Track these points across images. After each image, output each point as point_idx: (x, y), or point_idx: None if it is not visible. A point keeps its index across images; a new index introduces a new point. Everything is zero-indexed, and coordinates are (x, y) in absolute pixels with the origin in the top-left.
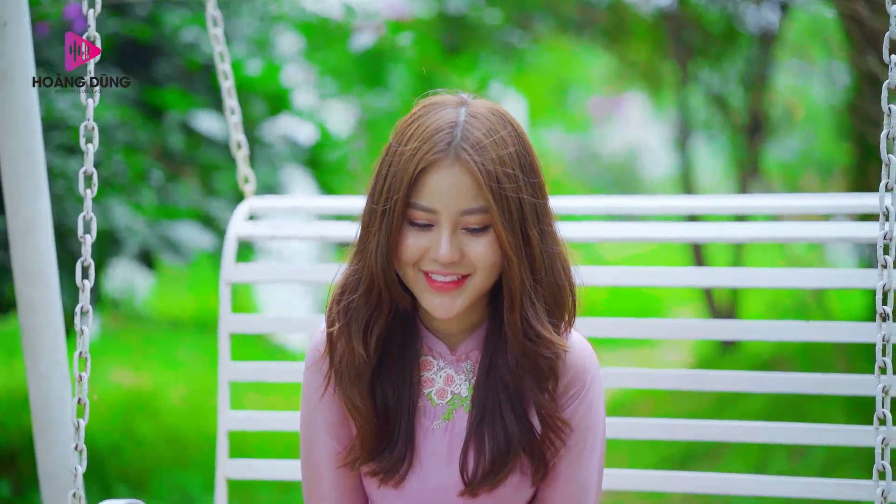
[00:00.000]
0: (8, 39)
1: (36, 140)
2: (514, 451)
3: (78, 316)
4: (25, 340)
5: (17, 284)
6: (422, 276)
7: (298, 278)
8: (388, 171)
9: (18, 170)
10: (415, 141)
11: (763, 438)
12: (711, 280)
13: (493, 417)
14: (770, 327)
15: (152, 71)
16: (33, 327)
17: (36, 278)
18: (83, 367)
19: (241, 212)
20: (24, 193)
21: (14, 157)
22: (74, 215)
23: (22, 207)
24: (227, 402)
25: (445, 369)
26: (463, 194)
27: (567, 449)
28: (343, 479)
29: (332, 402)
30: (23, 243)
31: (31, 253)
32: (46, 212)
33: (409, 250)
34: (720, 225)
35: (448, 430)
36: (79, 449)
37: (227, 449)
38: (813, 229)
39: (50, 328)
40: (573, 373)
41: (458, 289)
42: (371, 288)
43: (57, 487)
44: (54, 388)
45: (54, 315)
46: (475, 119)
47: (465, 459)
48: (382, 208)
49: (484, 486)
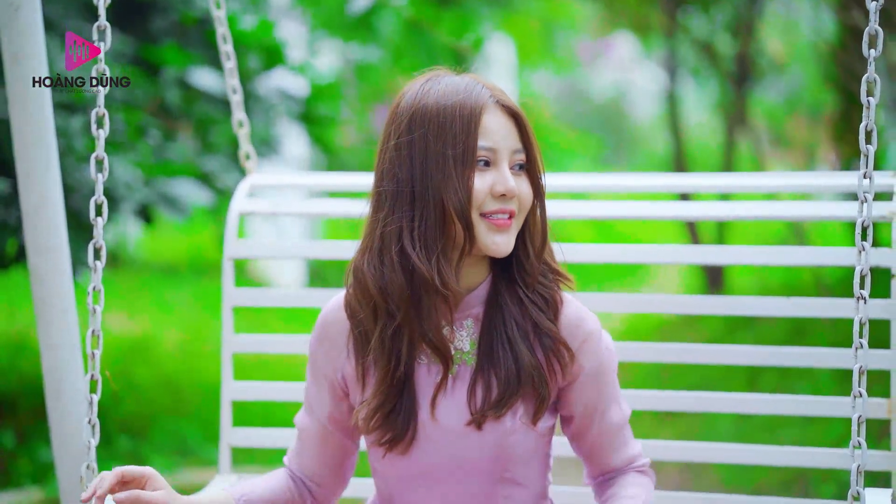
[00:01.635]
0: (20, 24)
1: (47, 120)
2: (525, 379)
3: (90, 295)
4: (38, 312)
5: (30, 258)
6: (483, 221)
7: (299, 254)
8: (441, 123)
9: (30, 149)
10: (456, 95)
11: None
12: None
13: (501, 354)
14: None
15: (148, 26)
16: (45, 299)
17: (48, 252)
18: (95, 344)
19: (243, 188)
20: (37, 171)
21: (26, 137)
22: (74, 173)
23: (34, 184)
24: (230, 373)
25: (446, 328)
26: (512, 134)
27: (591, 398)
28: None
29: (338, 364)
30: (35, 218)
31: (43, 228)
32: (58, 188)
33: (478, 190)
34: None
35: (451, 381)
36: (91, 423)
37: (230, 418)
38: (799, 208)
39: (62, 301)
40: (575, 321)
41: (511, 226)
42: (450, 231)
43: (70, 456)
44: (66, 359)
45: (66, 287)
46: (482, 78)
47: (473, 394)
48: (454, 152)
49: (489, 415)
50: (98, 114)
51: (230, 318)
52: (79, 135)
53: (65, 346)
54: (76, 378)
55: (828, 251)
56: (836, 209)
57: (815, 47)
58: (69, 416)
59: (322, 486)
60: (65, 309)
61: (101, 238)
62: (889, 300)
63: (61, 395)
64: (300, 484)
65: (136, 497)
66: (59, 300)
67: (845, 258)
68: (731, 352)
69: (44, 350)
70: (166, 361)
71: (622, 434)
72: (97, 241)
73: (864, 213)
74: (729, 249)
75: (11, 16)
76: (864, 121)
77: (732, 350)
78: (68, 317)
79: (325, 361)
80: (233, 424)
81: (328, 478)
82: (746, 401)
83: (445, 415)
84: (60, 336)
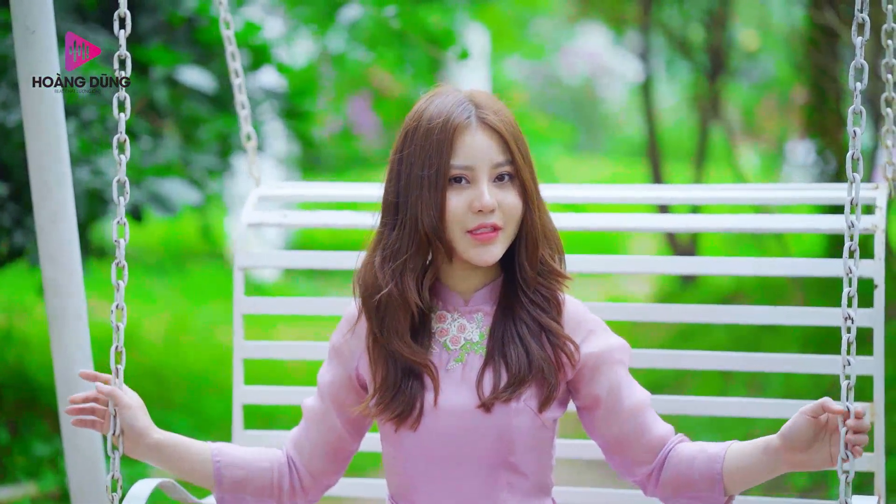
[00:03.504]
0: (35, 47)
1: (61, 138)
2: (534, 369)
3: (113, 313)
4: (51, 322)
5: (44, 270)
6: (467, 237)
7: (307, 264)
8: (423, 143)
9: (44, 164)
10: (439, 117)
11: (726, 366)
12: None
13: (511, 346)
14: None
15: (135, 26)
16: (59, 309)
17: (61, 264)
18: (119, 359)
19: (251, 199)
20: (50, 186)
21: (41, 153)
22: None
23: (48, 199)
24: (241, 378)
25: (459, 320)
26: (492, 150)
27: (608, 379)
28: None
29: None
30: (49, 232)
31: (56, 241)
32: (71, 202)
33: (452, 208)
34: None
35: (461, 368)
36: (116, 434)
37: (241, 422)
38: (778, 221)
39: (74, 311)
40: (578, 318)
41: (496, 238)
42: (420, 248)
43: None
44: (77, 367)
45: (78, 298)
46: (479, 95)
47: (481, 380)
48: (426, 173)
49: (500, 398)
50: (119, 140)
51: (241, 325)
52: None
53: (78, 356)
54: (89, 388)
55: (812, 262)
56: (821, 222)
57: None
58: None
59: (312, 473)
60: (77, 318)
61: (123, 258)
62: (872, 309)
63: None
64: (290, 466)
65: (113, 393)
66: (72, 310)
67: (830, 269)
68: (706, 357)
69: (57, 359)
70: (150, 352)
71: (652, 411)
72: (119, 262)
73: (853, 239)
74: (710, 260)
75: (28, 38)
76: (851, 150)
77: (707, 355)
78: (81, 327)
79: (348, 352)
80: (244, 427)
81: (321, 464)
82: (718, 404)
83: (454, 398)
84: (73, 346)
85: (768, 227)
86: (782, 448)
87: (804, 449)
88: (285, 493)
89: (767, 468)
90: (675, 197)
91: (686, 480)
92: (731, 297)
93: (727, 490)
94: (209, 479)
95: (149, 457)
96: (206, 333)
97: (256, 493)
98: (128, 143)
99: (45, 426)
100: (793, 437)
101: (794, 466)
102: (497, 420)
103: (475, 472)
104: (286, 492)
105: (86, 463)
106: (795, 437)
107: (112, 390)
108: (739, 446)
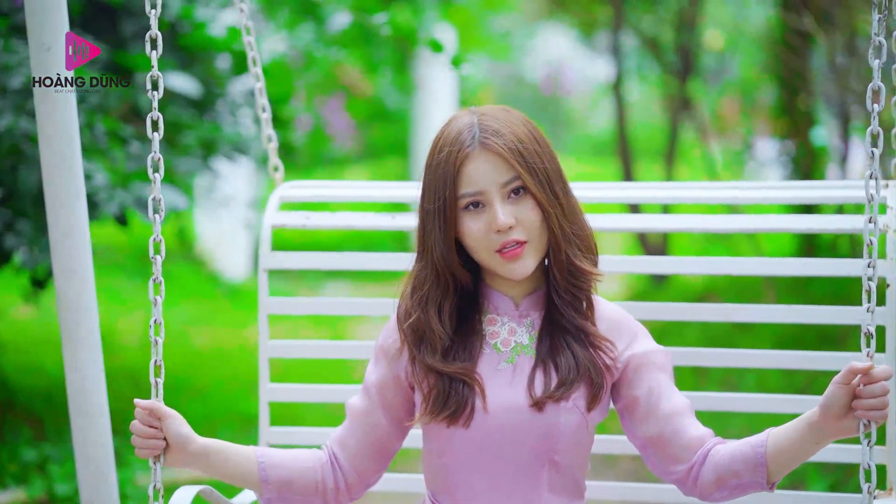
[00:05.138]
0: (50, 63)
1: (74, 153)
2: (582, 371)
3: (151, 328)
4: (64, 334)
5: (58, 284)
6: (496, 256)
7: (331, 265)
8: (432, 177)
9: (58, 179)
10: (446, 147)
11: (701, 362)
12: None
13: (559, 349)
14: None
15: (119, 31)
16: (72, 322)
17: (74, 277)
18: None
19: (273, 201)
20: (64, 200)
21: (54, 167)
22: None
23: (61, 213)
24: (266, 376)
25: (509, 323)
26: (498, 171)
27: (648, 383)
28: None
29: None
30: (63, 245)
31: (69, 255)
32: (84, 218)
33: (474, 234)
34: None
35: (512, 368)
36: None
37: (268, 418)
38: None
39: (86, 323)
40: (620, 323)
41: (523, 252)
42: (438, 278)
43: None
44: (90, 380)
45: (91, 311)
46: (486, 116)
47: (533, 381)
48: (435, 206)
49: (551, 398)
50: (154, 158)
51: (266, 325)
52: None
53: (90, 369)
54: (100, 399)
55: (831, 263)
56: (838, 222)
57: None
58: (93, 436)
59: (357, 470)
60: (90, 331)
61: (159, 275)
62: (885, 307)
63: (85, 415)
64: (335, 465)
65: (155, 407)
66: (85, 323)
67: (846, 268)
68: (680, 353)
69: (69, 372)
70: (126, 354)
71: (692, 416)
72: (156, 278)
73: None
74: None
75: (43, 55)
76: (869, 169)
77: (682, 352)
78: (93, 340)
79: (395, 353)
80: (270, 423)
81: (365, 462)
82: (693, 398)
83: (506, 397)
84: (85, 359)
85: (790, 227)
86: (823, 418)
87: (843, 416)
88: (330, 492)
89: (813, 441)
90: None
91: (729, 471)
92: (704, 296)
93: (770, 475)
94: (255, 481)
95: (195, 463)
96: (181, 335)
97: (301, 492)
98: (161, 161)
99: (29, 431)
100: (830, 406)
101: (839, 433)
102: (547, 419)
103: (519, 468)
104: (331, 490)
105: (96, 473)
106: (832, 405)
107: (153, 403)
108: (780, 429)
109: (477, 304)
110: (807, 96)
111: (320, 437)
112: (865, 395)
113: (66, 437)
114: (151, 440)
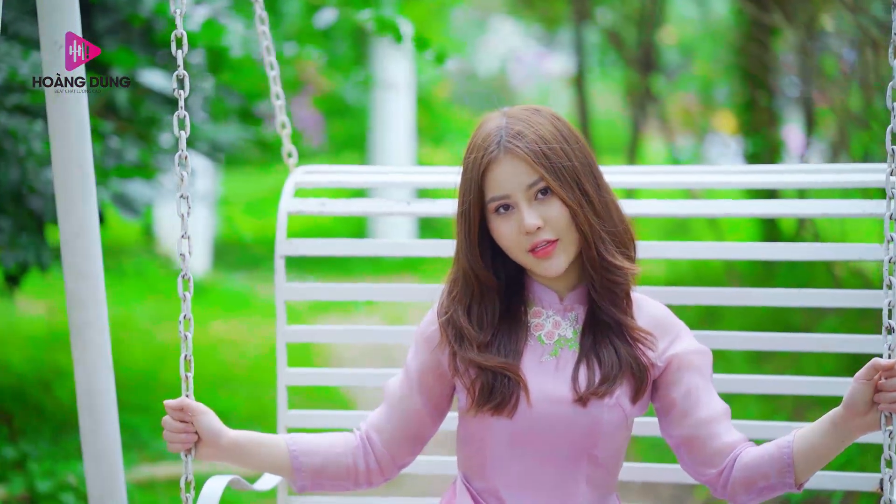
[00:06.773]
0: (62, 60)
1: (86, 154)
2: (624, 365)
3: (181, 324)
4: (74, 335)
5: (67, 283)
6: (529, 256)
7: (347, 251)
8: (462, 181)
9: (70, 179)
10: (473, 152)
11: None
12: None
13: (602, 344)
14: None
15: (93, 26)
16: (82, 323)
17: (84, 278)
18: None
19: (288, 188)
20: (75, 201)
21: (66, 168)
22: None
23: (73, 214)
24: (284, 361)
25: (554, 316)
26: (522, 174)
27: (686, 384)
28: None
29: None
30: (73, 246)
31: (80, 254)
32: (95, 218)
33: (506, 235)
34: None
35: (555, 361)
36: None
37: (286, 402)
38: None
39: (97, 323)
40: (663, 321)
41: (555, 250)
42: (467, 282)
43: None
44: (100, 381)
45: (101, 312)
46: (513, 118)
47: (576, 375)
48: (462, 210)
49: (595, 395)
50: (181, 157)
51: (283, 311)
52: (38, 138)
53: (99, 369)
54: (109, 399)
55: (855, 247)
56: (863, 206)
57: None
58: (102, 435)
59: (391, 453)
60: (100, 331)
61: (188, 271)
62: None
63: (95, 414)
64: (368, 447)
65: (185, 404)
66: (95, 324)
67: (867, 253)
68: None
69: (79, 373)
70: None
71: (728, 421)
72: (185, 274)
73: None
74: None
75: (56, 53)
76: (890, 167)
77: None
78: (103, 340)
79: (436, 340)
80: (288, 407)
81: (400, 446)
82: None
83: (550, 390)
84: (96, 358)
85: (813, 212)
86: (848, 416)
87: (867, 412)
88: (361, 474)
89: (839, 439)
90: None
91: (757, 473)
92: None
93: (798, 475)
94: (287, 469)
95: (227, 456)
96: (147, 332)
97: (334, 476)
98: (189, 159)
99: (5, 429)
100: (854, 403)
101: (863, 429)
102: (591, 414)
103: (559, 460)
104: (362, 472)
105: (106, 473)
106: (856, 402)
107: (183, 400)
108: (805, 430)
109: (523, 297)
110: (769, 91)
111: (338, 419)
112: (888, 389)
113: (43, 434)
114: (183, 434)
